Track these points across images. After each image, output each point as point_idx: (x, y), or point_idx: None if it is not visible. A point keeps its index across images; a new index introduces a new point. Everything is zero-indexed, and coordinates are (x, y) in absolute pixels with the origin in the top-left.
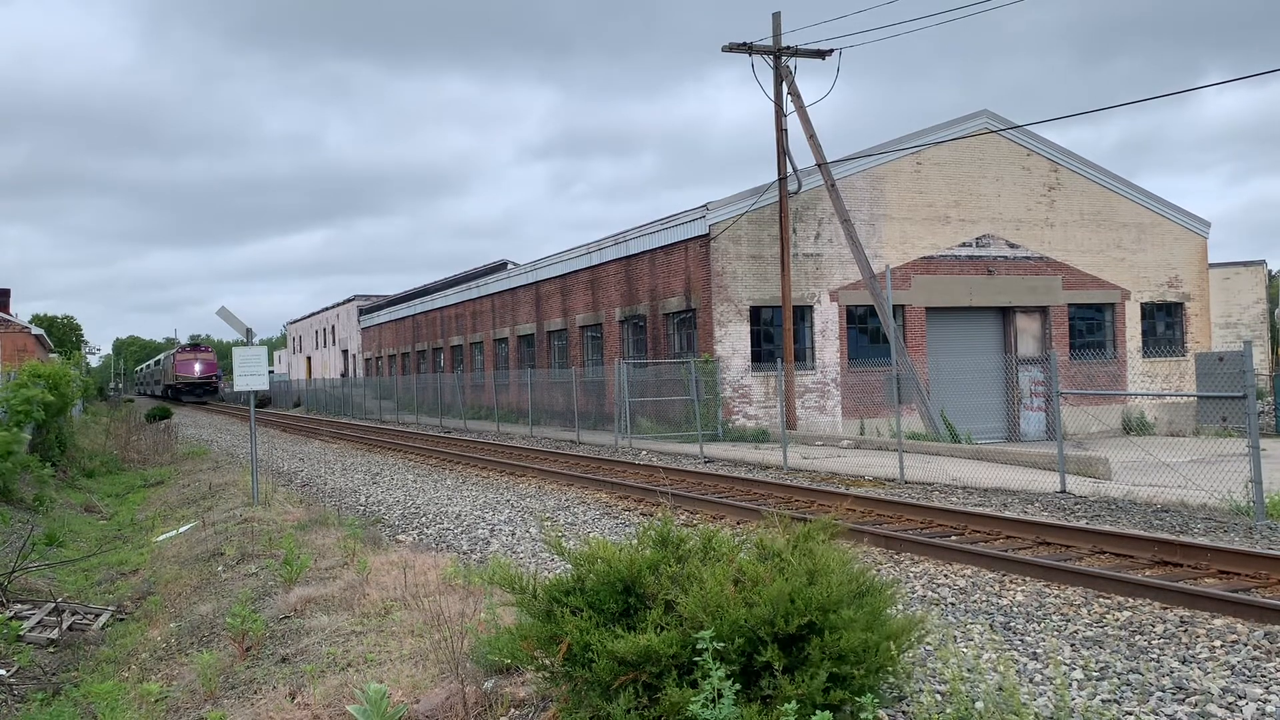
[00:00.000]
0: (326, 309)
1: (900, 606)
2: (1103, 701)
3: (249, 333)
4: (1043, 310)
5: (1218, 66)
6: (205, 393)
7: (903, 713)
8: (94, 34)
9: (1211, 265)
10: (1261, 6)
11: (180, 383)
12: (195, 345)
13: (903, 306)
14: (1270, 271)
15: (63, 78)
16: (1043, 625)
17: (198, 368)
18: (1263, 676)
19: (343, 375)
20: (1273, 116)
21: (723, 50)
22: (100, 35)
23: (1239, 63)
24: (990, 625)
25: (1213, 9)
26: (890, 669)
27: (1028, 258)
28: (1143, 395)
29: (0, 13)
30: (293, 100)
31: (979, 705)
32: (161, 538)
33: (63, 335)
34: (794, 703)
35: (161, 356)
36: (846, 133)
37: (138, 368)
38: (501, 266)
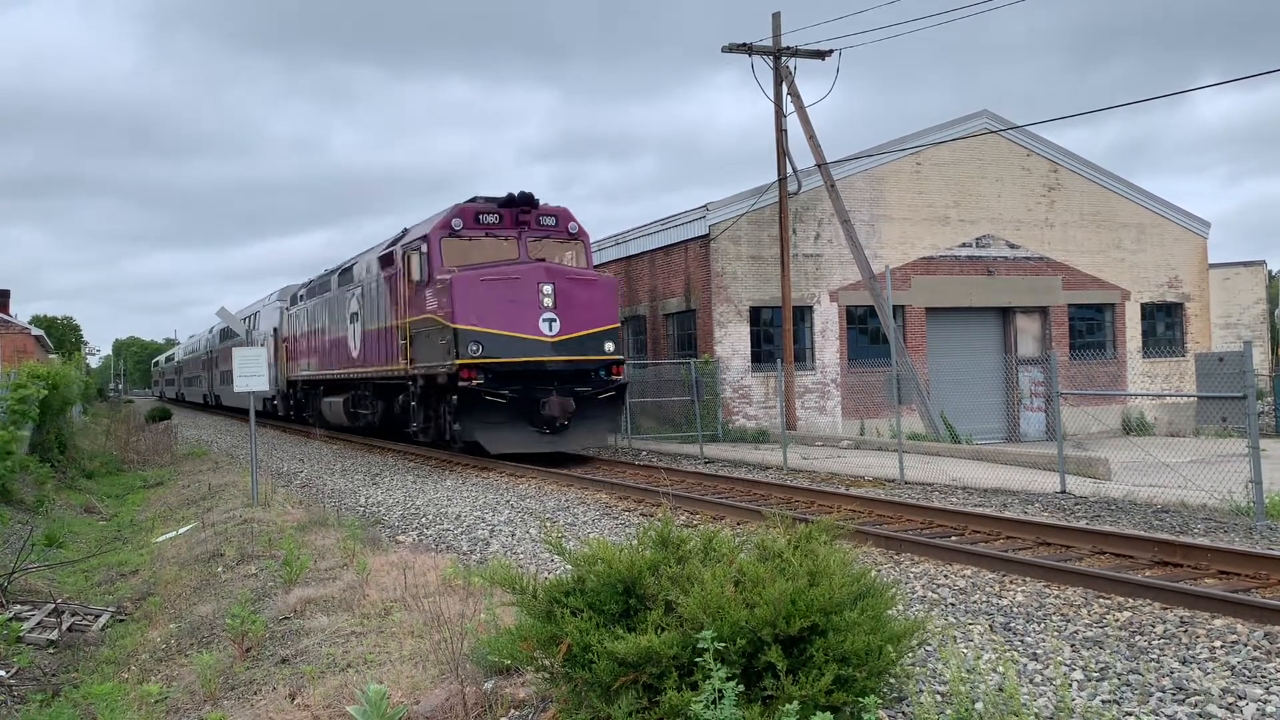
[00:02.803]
0: None
1: (900, 607)
2: (1103, 702)
3: (248, 333)
4: (1043, 310)
5: (1213, 68)
6: (610, 400)
7: (902, 713)
8: (98, 38)
9: (1211, 265)
10: (1256, 9)
11: (470, 365)
12: (521, 200)
13: (903, 307)
14: (1270, 271)
15: (68, 81)
16: (1043, 626)
17: (585, 296)
18: (1263, 677)
19: None
20: (1268, 118)
21: (722, 50)
22: (104, 39)
23: (1234, 65)
24: (990, 626)
25: (1208, 12)
26: (891, 670)
27: (1028, 258)
28: (1143, 395)
29: (6, 17)
30: (296, 103)
31: (979, 706)
32: (161, 538)
33: (62, 336)
34: (796, 704)
35: (317, 281)
36: (846, 134)
37: (183, 343)
38: None
